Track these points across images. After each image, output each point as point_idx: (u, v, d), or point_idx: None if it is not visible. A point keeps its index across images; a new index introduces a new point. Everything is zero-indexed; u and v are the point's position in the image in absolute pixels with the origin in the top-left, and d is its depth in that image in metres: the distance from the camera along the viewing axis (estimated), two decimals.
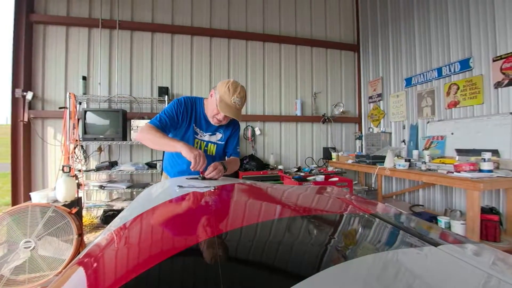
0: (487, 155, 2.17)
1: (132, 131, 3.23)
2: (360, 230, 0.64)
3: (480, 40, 2.61)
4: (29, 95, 3.08)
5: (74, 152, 3.07)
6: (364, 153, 3.86)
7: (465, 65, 2.74)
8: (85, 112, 3.08)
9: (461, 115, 2.80)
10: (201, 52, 3.84)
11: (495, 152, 2.34)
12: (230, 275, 0.37)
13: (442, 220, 2.29)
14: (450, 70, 2.90)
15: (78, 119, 3.09)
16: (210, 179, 1.23)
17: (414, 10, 3.40)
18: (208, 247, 0.48)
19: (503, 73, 2.39)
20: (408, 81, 3.47)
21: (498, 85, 2.44)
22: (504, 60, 2.38)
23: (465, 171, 2.13)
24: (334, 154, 3.96)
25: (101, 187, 3.14)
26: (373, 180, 4.02)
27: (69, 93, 3.03)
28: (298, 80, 4.25)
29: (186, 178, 1.22)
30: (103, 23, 3.42)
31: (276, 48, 4.16)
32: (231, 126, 1.58)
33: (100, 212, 3.29)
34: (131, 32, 3.57)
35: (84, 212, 2.96)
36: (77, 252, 1.89)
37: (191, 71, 3.80)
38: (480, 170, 2.13)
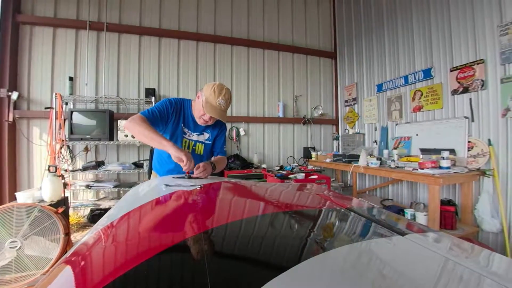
0: (446, 154, 2.29)
1: (119, 131, 3.11)
2: (337, 224, 0.65)
3: (439, 53, 2.75)
4: (14, 95, 2.89)
5: (60, 152, 2.92)
6: (340, 152, 3.95)
7: (427, 74, 2.88)
8: (72, 112, 2.93)
9: (424, 118, 2.94)
10: (187, 55, 3.77)
11: (452, 151, 2.47)
12: (216, 269, 0.37)
13: (408, 212, 2.38)
14: (415, 78, 3.04)
15: (65, 119, 2.94)
16: (197, 178, 1.21)
17: (384, 23, 3.53)
18: (195, 243, 0.47)
19: (459, 82, 2.54)
20: (379, 87, 3.60)
21: (454, 92, 2.58)
22: (459, 70, 2.53)
23: (428, 168, 2.24)
24: (313, 154, 4.03)
25: (87, 186, 2.99)
26: (348, 177, 4.12)
27: (55, 94, 2.87)
28: (280, 84, 4.28)
29: (173, 177, 1.20)
30: (91, 25, 3.27)
31: (260, 53, 4.17)
32: (217, 126, 1.58)
33: (87, 211, 3.14)
34: (118, 35, 3.44)
35: (71, 212, 2.82)
36: (64, 251, 1.80)
37: (178, 73, 3.72)
38: (440, 167, 2.24)
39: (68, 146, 3.09)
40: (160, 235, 0.55)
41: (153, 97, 3.28)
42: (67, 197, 2.33)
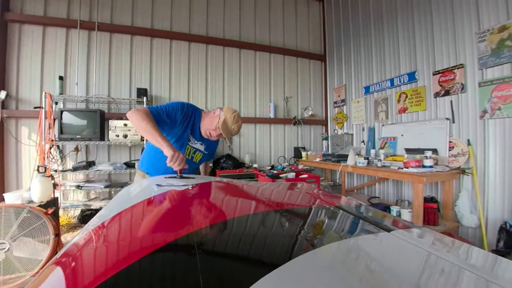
0: (429, 154, 2.36)
1: (110, 131, 3.04)
2: (326, 221, 0.66)
3: (423, 57, 2.83)
4: (2, 94, 2.78)
5: (50, 152, 2.82)
6: (330, 152, 4.00)
7: (411, 77, 2.96)
8: (62, 112, 2.84)
9: (409, 119, 3.01)
10: (179, 55, 3.72)
11: (434, 151, 2.55)
12: (209, 268, 0.37)
13: (394, 209, 2.43)
14: (400, 81, 3.11)
15: (54, 119, 2.84)
16: (188, 177, 1.20)
17: (371, 28, 3.60)
18: (187, 242, 0.47)
19: (440, 85, 2.61)
20: (367, 89, 3.66)
21: (437, 95, 2.66)
22: (441, 74, 2.61)
23: (412, 167, 2.30)
24: (303, 153, 4.06)
25: (78, 187, 2.91)
26: (337, 176, 4.18)
27: (45, 93, 2.77)
28: (271, 85, 4.29)
29: (165, 177, 1.18)
30: (81, 24, 3.18)
31: (252, 55, 4.17)
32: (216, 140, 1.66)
33: (77, 212, 3.06)
34: (110, 34, 3.36)
35: (61, 212, 2.74)
36: (54, 252, 1.75)
37: (170, 74, 3.67)
38: (423, 166, 2.30)
39: (58, 146, 3.00)
40: (152, 235, 0.54)
41: (144, 97, 3.22)
42: (57, 197, 2.26)
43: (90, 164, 2.99)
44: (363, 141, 3.70)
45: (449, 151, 2.49)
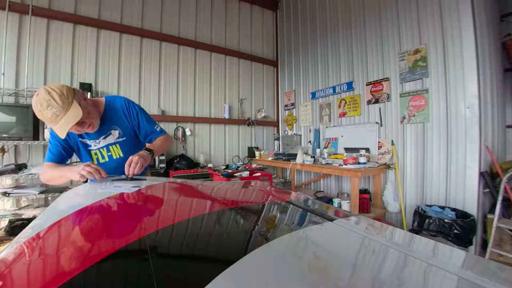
0: (363, 152, 2.67)
1: (46, 130, 2.60)
2: (278, 216, 0.69)
3: (359, 69, 3.18)
4: None
5: None
6: (281, 151, 4.16)
7: (349, 86, 3.30)
8: None
9: (348, 122, 3.35)
10: (130, 51, 3.40)
11: (367, 150, 2.89)
12: (163, 271, 0.35)
13: (336, 201, 2.66)
14: (340, 89, 3.44)
15: None
16: (138, 179, 1.10)
17: (318, 40, 3.89)
18: (138, 248, 0.43)
19: (372, 94, 2.98)
20: (313, 95, 3.94)
21: (369, 102, 3.03)
22: (372, 85, 2.97)
23: (350, 163, 2.57)
24: (257, 153, 4.14)
25: (5, 194, 2.39)
26: (288, 173, 4.39)
27: None
28: (226, 87, 4.26)
29: (113, 180, 1.07)
30: (11, 5, 2.62)
31: (207, 55, 4.07)
32: (124, 115, 1.26)
33: (4, 223, 2.51)
34: (48, 21, 2.85)
35: None
36: None
37: (119, 69, 3.32)
38: (359, 163, 2.59)
39: None
40: (99, 243, 0.48)
41: (89, 93, 2.85)
42: None
43: (20, 167, 2.50)
44: (310, 141, 3.96)
45: (378, 149, 2.85)
